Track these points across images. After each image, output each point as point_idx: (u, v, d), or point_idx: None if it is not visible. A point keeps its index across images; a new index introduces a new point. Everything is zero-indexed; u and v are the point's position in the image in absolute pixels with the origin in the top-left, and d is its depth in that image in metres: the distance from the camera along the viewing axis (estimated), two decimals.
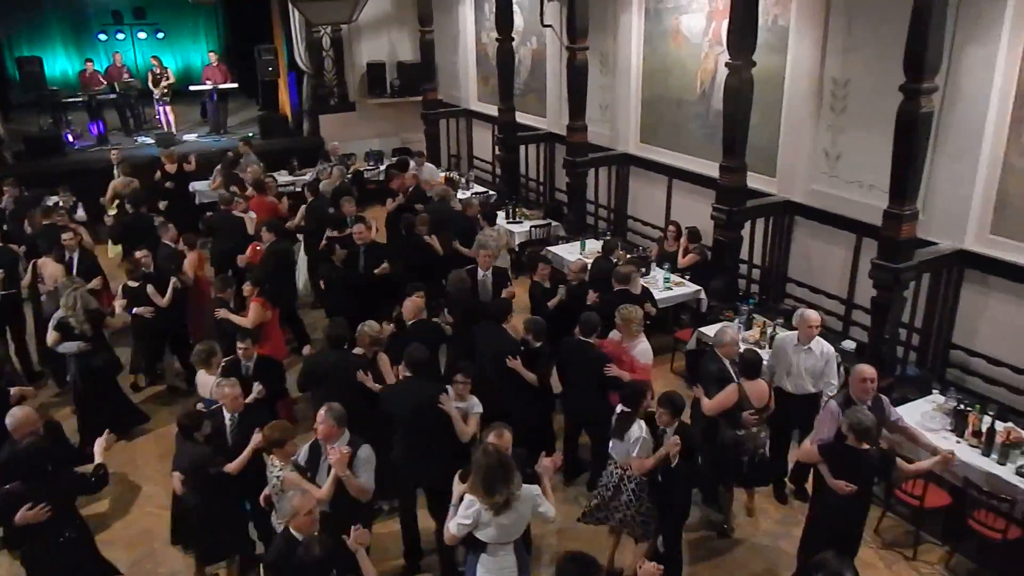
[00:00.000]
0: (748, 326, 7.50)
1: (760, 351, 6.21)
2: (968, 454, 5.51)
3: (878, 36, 7.11)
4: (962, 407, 5.78)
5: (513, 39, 11.73)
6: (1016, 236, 6.51)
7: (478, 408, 5.45)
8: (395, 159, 12.49)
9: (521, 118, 12.45)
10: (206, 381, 5.99)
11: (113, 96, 15.26)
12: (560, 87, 11.57)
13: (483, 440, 4.69)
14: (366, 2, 6.03)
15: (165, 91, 15.17)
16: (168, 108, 15.36)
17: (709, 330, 7.64)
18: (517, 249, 10.61)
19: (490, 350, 6.26)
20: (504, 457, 4.30)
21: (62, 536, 4.78)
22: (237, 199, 9.79)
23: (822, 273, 8.23)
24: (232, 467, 5.05)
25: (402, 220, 9.18)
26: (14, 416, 5.13)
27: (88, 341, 6.90)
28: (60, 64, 17.98)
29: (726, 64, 7.74)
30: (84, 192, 11.13)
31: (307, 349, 8.63)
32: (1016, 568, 5.22)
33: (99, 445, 5.09)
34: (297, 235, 9.81)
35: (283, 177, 13.03)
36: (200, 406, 5.64)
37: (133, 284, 7.66)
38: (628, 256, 8.76)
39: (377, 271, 8.06)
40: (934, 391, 6.28)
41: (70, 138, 14.51)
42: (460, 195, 11.26)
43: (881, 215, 6.48)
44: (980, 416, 5.68)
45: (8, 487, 4.64)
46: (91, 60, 15.60)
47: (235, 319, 7.13)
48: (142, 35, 18.36)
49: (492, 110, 13.07)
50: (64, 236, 8.29)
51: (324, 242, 8.66)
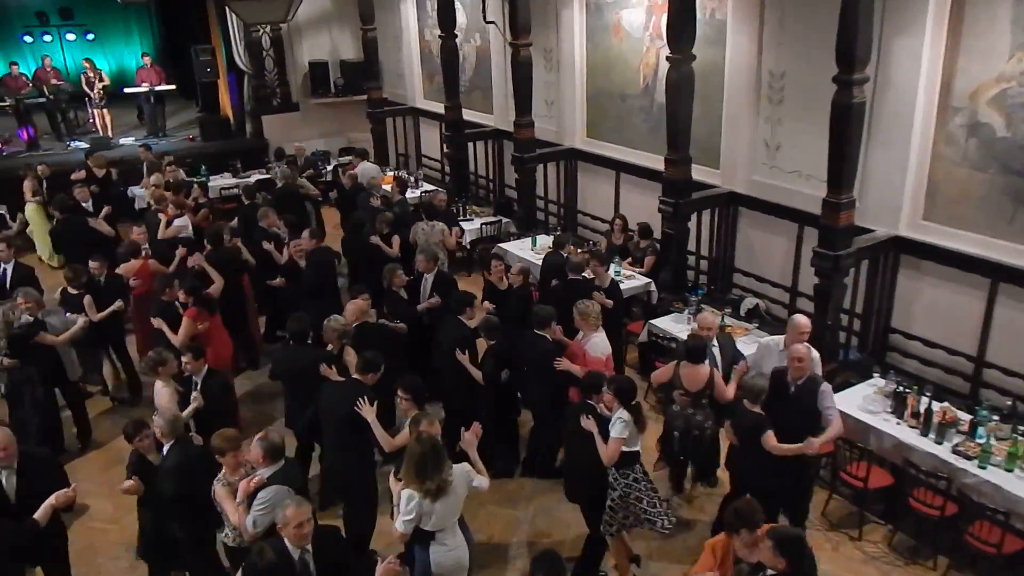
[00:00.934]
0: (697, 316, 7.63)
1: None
2: (907, 435, 5.71)
3: (811, 29, 7.27)
4: (901, 389, 5.97)
5: (456, 36, 11.70)
6: (946, 222, 6.75)
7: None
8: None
9: (468, 115, 12.43)
10: (161, 391, 5.87)
11: (42, 100, 14.79)
12: (505, 84, 11.58)
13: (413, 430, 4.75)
14: (300, 2, 5.93)
15: (101, 94, 14.76)
16: (104, 111, 14.96)
17: (660, 322, 7.78)
18: (469, 247, 10.63)
19: (446, 341, 6.39)
20: (436, 443, 4.42)
21: None
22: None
23: (767, 262, 8.42)
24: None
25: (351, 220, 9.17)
26: None
27: (11, 356, 6.69)
28: None
29: (667, 58, 7.86)
30: (14, 201, 10.79)
31: None
32: (953, 541, 5.44)
33: (51, 500, 4.63)
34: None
35: (226, 180, 12.81)
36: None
37: (72, 292, 7.49)
38: (579, 250, 8.82)
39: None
40: (875, 375, 6.48)
41: None
42: (409, 194, 11.23)
43: (820, 204, 6.66)
44: (918, 398, 5.88)
45: None
46: (16, 63, 15.08)
47: (168, 333, 6.94)
48: (71, 36, 17.86)
49: (439, 108, 13.02)
50: None
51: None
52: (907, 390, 5.95)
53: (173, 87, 15.79)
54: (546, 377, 6.23)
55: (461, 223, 10.48)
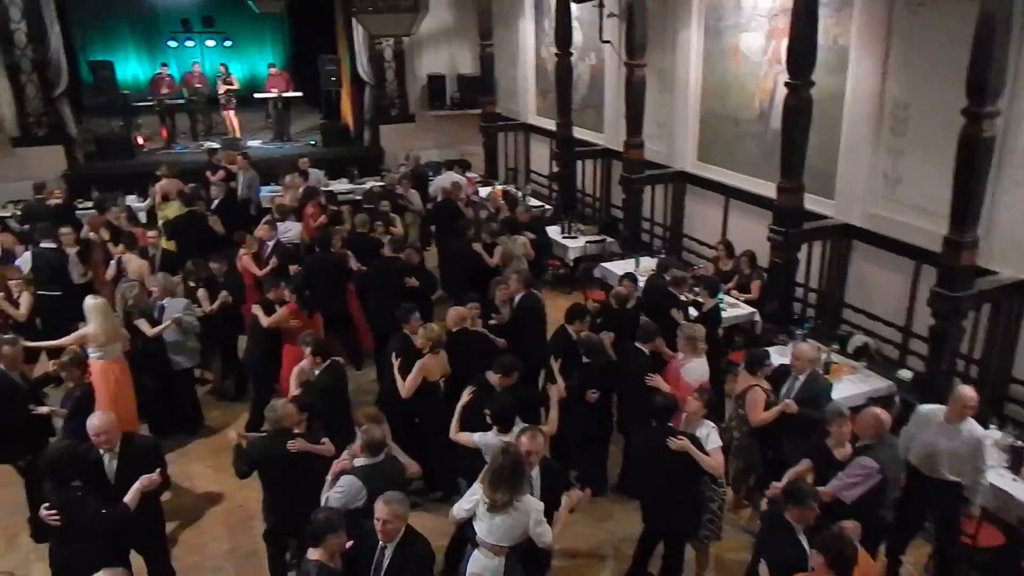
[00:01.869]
0: None
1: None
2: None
3: (940, 57, 6.96)
4: (1019, 444, 5.61)
5: (572, 54, 11.82)
6: None
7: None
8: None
9: (579, 133, 12.51)
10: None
11: (183, 101, 15.87)
12: (618, 103, 11.59)
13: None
14: (424, 16, 6.19)
15: (231, 97, 15.69)
16: (233, 113, 15.88)
17: None
18: (572, 264, 10.69)
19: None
20: (518, 462, 4.39)
21: (75, 546, 4.62)
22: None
23: (879, 299, 8.07)
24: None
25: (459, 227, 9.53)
26: (91, 419, 5.00)
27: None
28: (131, 69, 18.73)
29: (785, 83, 7.67)
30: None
31: None
32: None
33: (138, 484, 4.81)
34: None
35: (343, 185, 13.35)
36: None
37: (191, 285, 7.98)
38: (687, 275, 8.64)
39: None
40: (991, 426, 6.10)
41: (140, 141, 15.11)
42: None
43: (941, 241, 6.35)
44: None
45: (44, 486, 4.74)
46: (166, 64, 16.24)
47: (261, 317, 7.30)
48: (211, 43, 18.99)
49: (550, 124, 13.15)
50: (150, 234, 8.91)
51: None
52: None
53: (300, 94, 16.59)
54: (640, 392, 6.18)
55: (566, 240, 10.56)
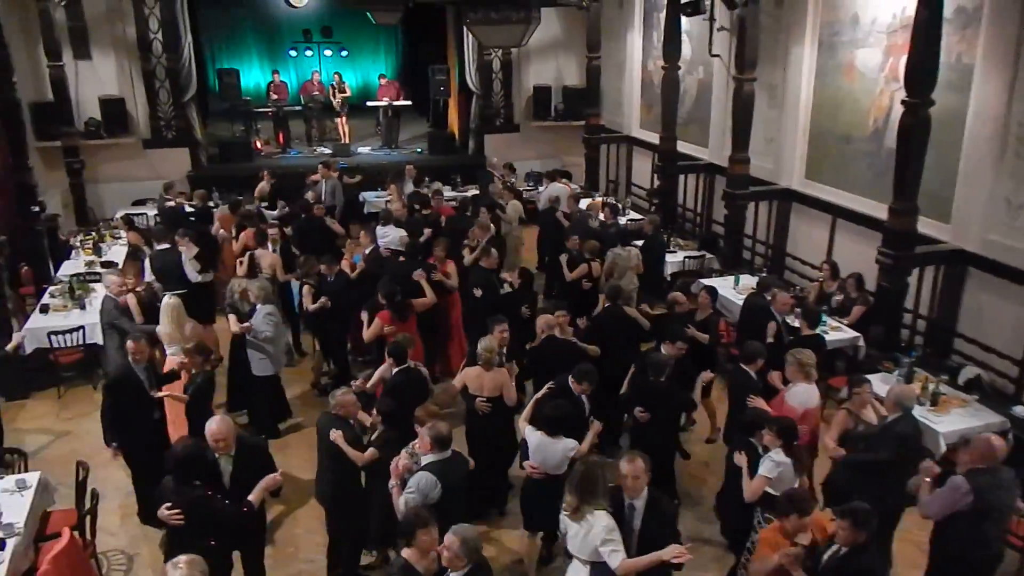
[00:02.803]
0: (909, 380, 7.07)
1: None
2: None
3: None
4: None
5: (680, 68, 11.74)
6: None
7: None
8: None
9: (682, 147, 12.40)
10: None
11: (299, 108, 16.62)
12: (724, 118, 11.43)
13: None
14: (535, 28, 6.31)
15: (343, 104, 16.33)
16: (344, 120, 16.52)
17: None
18: (669, 278, 10.59)
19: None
20: (590, 473, 4.45)
21: (203, 543, 4.61)
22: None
23: (994, 330, 7.65)
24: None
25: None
26: (209, 423, 5.04)
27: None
28: (254, 76, 19.70)
29: (902, 102, 7.40)
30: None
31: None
32: None
33: (263, 484, 4.93)
34: None
35: (447, 192, 13.65)
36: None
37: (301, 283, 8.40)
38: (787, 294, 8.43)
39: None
40: None
41: (258, 145, 15.92)
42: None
43: None
44: None
45: (164, 481, 4.77)
46: (277, 71, 17.06)
47: (364, 328, 7.59)
48: (328, 52, 19.79)
49: (653, 138, 13.09)
50: (271, 232, 9.39)
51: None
52: None
53: (409, 103, 17.10)
54: (739, 411, 6.12)
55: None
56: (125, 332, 7.12)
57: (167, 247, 8.98)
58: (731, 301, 8.92)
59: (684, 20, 11.42)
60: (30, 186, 9.72)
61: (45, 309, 8.68)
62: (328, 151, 15.63)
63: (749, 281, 9.27)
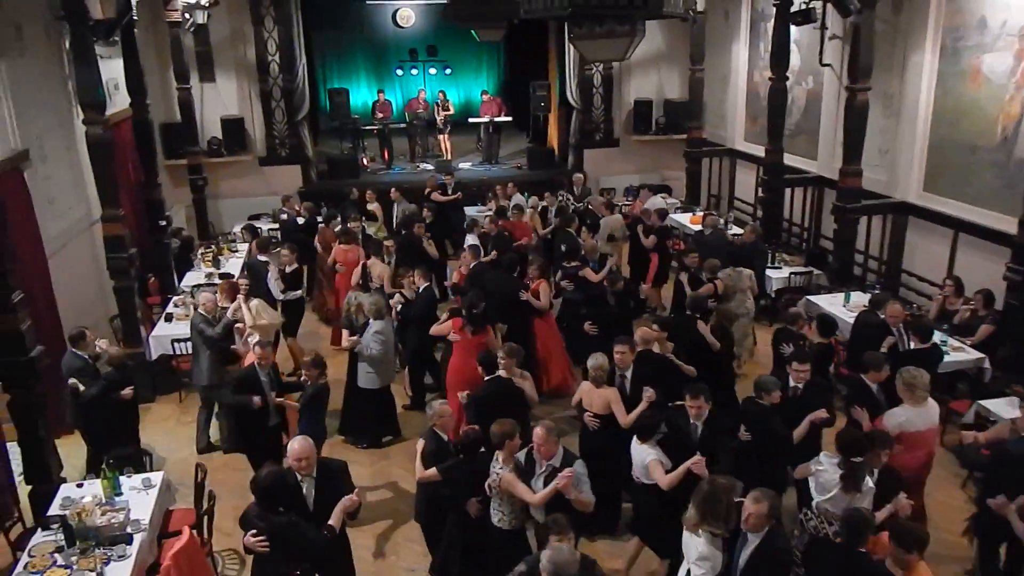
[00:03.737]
0: None
1: None
2: None
3: None
4: None
5: (788, 78, 11.41)
6: None
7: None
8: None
9: (789, 160, 12.03)
10: None
11: (403, 125, 17.07)
12: (835, 129, 11.03)
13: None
14: (640, 41, 6.24)
15: (446, 121, 16.67)
16: (445, 137, 16.85)
17: (992, 404, 6.87)
18: (773, 295, 10.27)
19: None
20: (713, 495, 4.37)
21: (287, 570, 4.67)
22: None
23: None
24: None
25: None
26: (292, 443, 5.05)
27: None
28: (362, 95, 20.35)
29: None
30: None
31: None
32: None
33: (341, 506, 4.86)
34: None
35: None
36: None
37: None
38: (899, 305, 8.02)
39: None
40: None
41: (364, 161, 16.43)
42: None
43: None
44: None
45: (251, 504, 4.75)
46: (383, 90, 17.58)
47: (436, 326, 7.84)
48: (432, 71, 20.25)
49: (758, 150, 12.76)
50: (387, 243, 9.77)
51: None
52: None
53: (510, 119, 17.29)
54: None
55: (769, 270, 10.17)
56: (211, 340, 7.52)
57: (263, 259, 9.42)
58: (841, 319, 8.56)
59: (793, 29, 11.11)
60: (159, 202, 10.34)
61: (169, 318, 9.21)
62: (430, 167, 15.96)
63: (860, 298, 8.88)
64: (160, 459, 7.57)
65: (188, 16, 12.58)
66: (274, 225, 12.69)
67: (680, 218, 12.85)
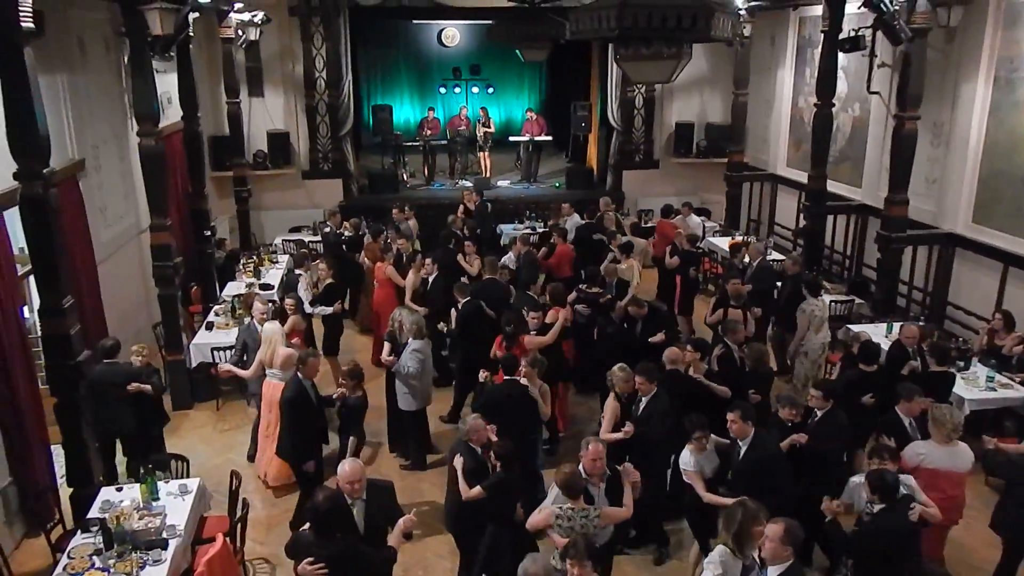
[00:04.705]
0: None
1: None
2: None
3: None
4: None
5: (834, 105, 11.27)
6: None
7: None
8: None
9: (832, 187, 11.85)
10: None
11: (444, 142, 17.23)
12: (881, 157, 10.88)
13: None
14: (686, 64, 6.21)
15: (486, 139, 16.79)
16: (485, 155, 16.95)
17: None
18: None
19: None
20: (735, 517, 4.41)
21: None
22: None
23: None
24: None
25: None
26: (343, 465, 4.93)
27: None
28: (405, 112, 20.60)
29: None
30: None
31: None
32: None
33: (400, 526, 4.81)
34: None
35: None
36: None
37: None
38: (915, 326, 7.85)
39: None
40: None
41: (404, 177, 16.60)
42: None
43: None
44: None
45: (301, 531, 4.68)
46: (432, 108, 17.76)
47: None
48: (475, 89, 20.43)
49: (801, 176, 12.61)
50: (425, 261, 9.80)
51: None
52: None
53: (550, 138, 17.35)
54: None
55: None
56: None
57: (299, 272, 9.57)
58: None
59: (841, 56, 11.00)
60: (205, 212, 10.53)
61: (210, 326, 9.34)
62: (469, 184, 16.05)
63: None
64: (195, 464, 7.65)
65: (241, 33, 12.90)
66: (315, 237, 12.87)
67: (718, 241, 12.76)
